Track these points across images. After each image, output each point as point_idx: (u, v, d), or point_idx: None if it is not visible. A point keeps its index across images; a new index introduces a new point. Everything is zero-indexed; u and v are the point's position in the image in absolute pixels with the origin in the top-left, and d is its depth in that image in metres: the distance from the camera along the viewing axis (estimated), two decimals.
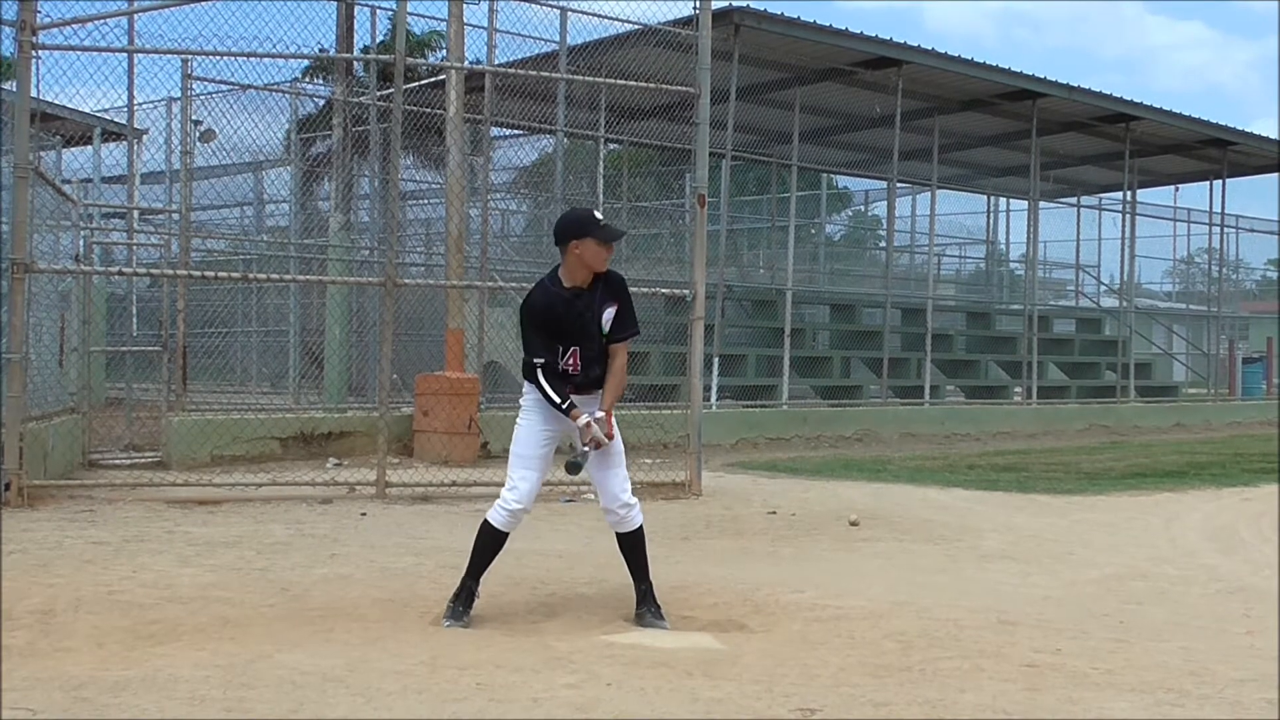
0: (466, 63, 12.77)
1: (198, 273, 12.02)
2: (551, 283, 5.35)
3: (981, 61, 17.63)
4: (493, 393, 13.63)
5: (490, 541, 5.39)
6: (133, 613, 5.25)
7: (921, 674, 4.59)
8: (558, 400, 5.23)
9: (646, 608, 5.46)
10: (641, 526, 5.52)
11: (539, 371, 5.27)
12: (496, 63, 13.37)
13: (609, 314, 5.31)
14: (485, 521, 5.40)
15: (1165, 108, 20.77)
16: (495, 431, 11.97)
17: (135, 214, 15.73)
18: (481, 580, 5.41)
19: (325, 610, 5.43)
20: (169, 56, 11.51)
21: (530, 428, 5.40)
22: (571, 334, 5.29)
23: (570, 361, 5.30)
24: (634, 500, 5.49)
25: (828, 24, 15.75)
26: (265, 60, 12.01)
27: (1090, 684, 4.50)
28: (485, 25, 13.15)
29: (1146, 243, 24.98)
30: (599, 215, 5.35)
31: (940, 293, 23.62)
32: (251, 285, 16.54)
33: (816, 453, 14.55)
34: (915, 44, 16.83)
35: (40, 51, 8.72)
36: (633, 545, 5.53)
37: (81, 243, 12.68)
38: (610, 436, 5.27)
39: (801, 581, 6.33)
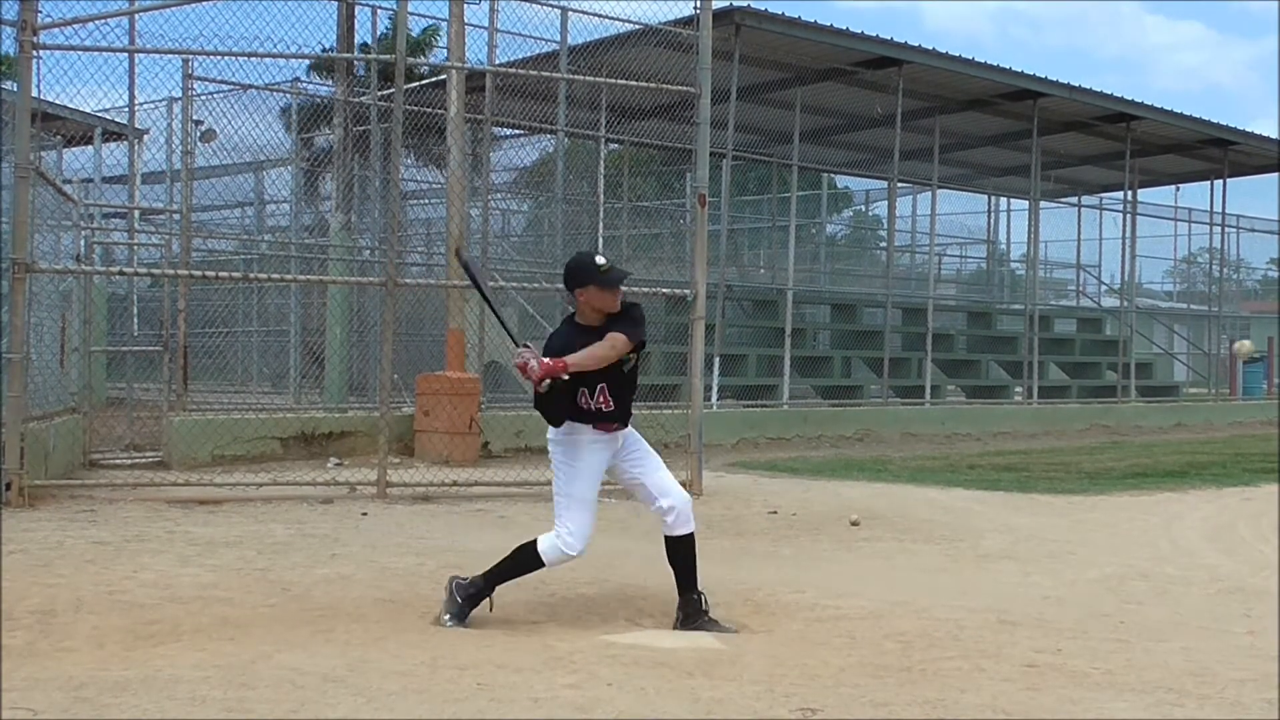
0: (467, 63, 12.76)
1: (198, 273, 12.02)
2: (568, 322, 5.33)
3: (982, 61, 17.64)
4: (493, 393, 13.63)
5: (530, 565, 5.32)
6: (133, 613, 5.25)
7: (922, 674, 4.60)
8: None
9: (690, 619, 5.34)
10: (690, 533, 5.34)
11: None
12: (497, 63, 13.37)
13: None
14: (536, 548, 5.28)
15: (1165, 107, 20.79)
16: (496, 431, 11.98)
17: (136, 214, 15.75)
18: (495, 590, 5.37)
19: (326, 610, 5.43)
20: (169, 56, 11.53)
21: (584, 467, 5.26)
22: (594, 371, 5.15)
23: (600, 400, 5.20)
24: (674, 503, 5.31)
25: (828, 24, 15.77)
26: (266, 60, 11.99)
27: (1090, 684, 4.50)
28: (486, 25, 13.18)
29: (1147, 242, 24.94)
30: (600, 260, 5.24)
31: (941, 292, 23.62)
32: (252, 285, 16.52)
33: (817, 453, 14.55)
34: (915, 44, 16.85)
35: (41, 51, 8.70)
36: (674, 552, 5.39)
37: (82, 243, 12.69)
38: (526, 369, 4.97)
39: (802, 581, 6.33)
